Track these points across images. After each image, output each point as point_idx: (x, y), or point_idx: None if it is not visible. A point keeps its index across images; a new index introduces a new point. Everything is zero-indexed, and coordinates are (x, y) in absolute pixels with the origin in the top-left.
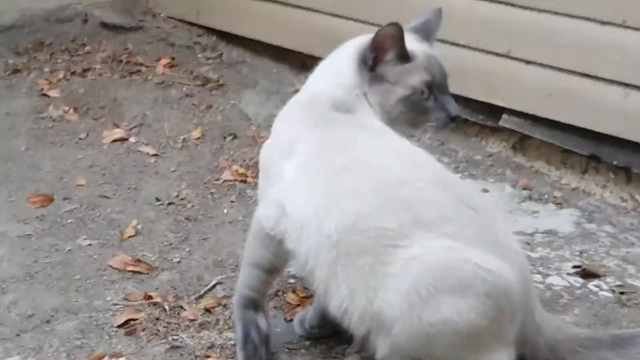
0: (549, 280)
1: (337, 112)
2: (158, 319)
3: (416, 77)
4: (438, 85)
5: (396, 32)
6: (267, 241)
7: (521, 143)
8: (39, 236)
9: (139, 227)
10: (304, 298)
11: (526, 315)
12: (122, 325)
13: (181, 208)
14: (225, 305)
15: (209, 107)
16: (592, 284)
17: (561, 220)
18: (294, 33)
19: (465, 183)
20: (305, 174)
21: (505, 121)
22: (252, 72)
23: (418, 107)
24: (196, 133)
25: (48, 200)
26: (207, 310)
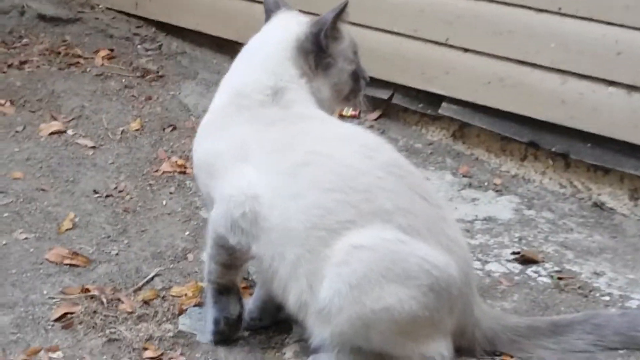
0: (488, 267)
1: (280, 108)
2: (95, 312)
3: (351, 49)
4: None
5: (342, 11)
6: (228, 247)
7: (461, 131)
8: None
9: (77, 220)
10: (243, 288)
11: (465, 307)
12: (59, 319)
13: (119, 200)
14: (163, 297)
15: (149, 99)
16: (531, 270)
17: (501, 207)
18: (234, 23)
19: (414, 168)
20: (266, 176)
21: (444, 109)
22: (192, 63)
23: (356, 78)
24: (135, 125)
25: None
26: (146, 302)
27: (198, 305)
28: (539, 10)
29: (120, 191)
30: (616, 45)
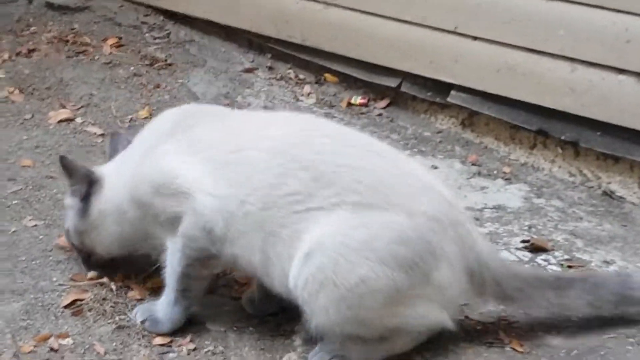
0: None
1: None
2: (105, 299)
3: None
4: None
5: None
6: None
7: (470, 119)
8: None
9: None
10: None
11: (463, 249)
12: (69, 305)
13: None
14: None
15: (157, 87)
16: (541, 258)
17: (510, 195)
18: (243, 12)
19: (360, 134)
20: (210, 180)
21: (453, 97)
22: (200, 52)
23: None
24: (144, 112)
25: None
26: (154, 289)
27: (208, 292)
28: None
29: None
30: (626, 32)
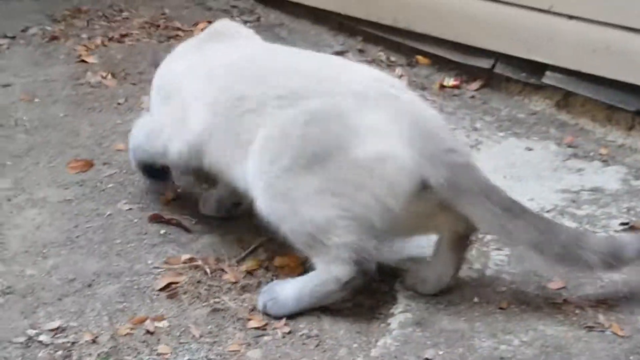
0: None
1: None
2: (199, 282)
3: None
4: None
5: None
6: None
7: (565, 100)
8: (80, 201)
9: (179, 191)
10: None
11: (399, 119)
12: (164, 288)
13: None
14: (267, 267)
15: None
16: None
17: (607, 177)
18: None
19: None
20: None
21: (548, 78)
22: (290, 35)
23: None
24: None
25: (88, 165)
26: (249, 272)
27: (302, 275)
28: None
29: None
30: None
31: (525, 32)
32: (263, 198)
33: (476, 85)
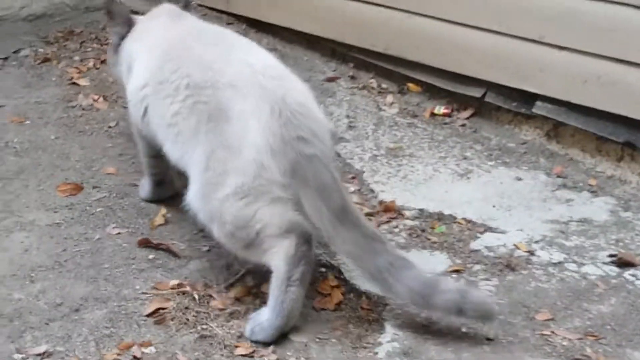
0: (584, 269)
1: None
2: (187, 308)
3: None
4: None
5: None
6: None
7: (555, 130)
8: (68, 225)
9: (169, 216)
10: (335, 287)
11: (272, 106)
12: (151, 314)
13: None
14: (255, 294)
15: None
16: (628, 273)
17: (596, 208)
18: (325, 20)
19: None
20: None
21: (538, 108)
22: (283, 60)
23: None
24: None
25: (77, 188)
26: (237, 299)
27: None
28: (637, 7)
29: None
30: None
31: (516, 62)
32: (193, 193)
33: (467, 113)
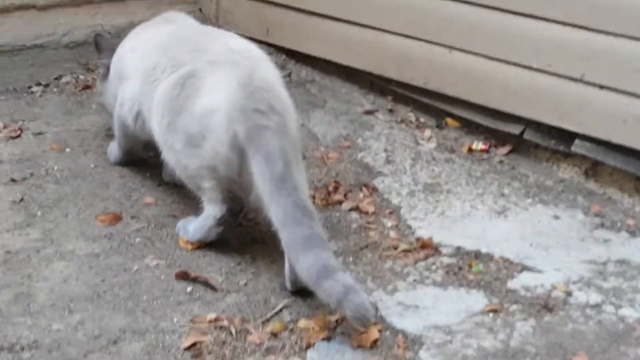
0: (622, 311)
1: None
2: (224, 342)
3: None
4: None
5: None
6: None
7: (593, 169)
8: (107, 255)
9: (207, 248)
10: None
11: (238, 95)
12: (189, 347)
13: (249, 229)
14: (291, 329)
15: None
16: None
17: (634, 248)
18: (364, 53)
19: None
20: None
21: (577, 146)
22: (321, 92)
23: None
24: None
25: (116, 218)
26: (274, 334)
27: (326, 339)
28: None
29: (249, 219)
30: None
31: (555, 100)
32: (162, 150)
33: (505, 150)
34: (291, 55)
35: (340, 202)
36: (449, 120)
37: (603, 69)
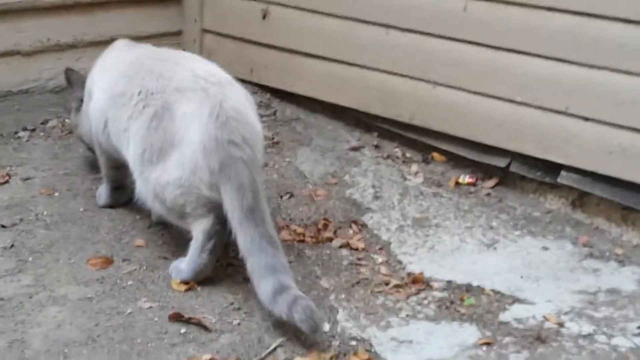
0: (614, 341)
1: None
2: None
3: None
4: None
5: None
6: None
7: (580, 200)
8: (100, 299)
9: (199, 289)
10: None
11: (211, 108)
12: None
13: (240, 269)
14: None
15: (265, 165)
16: None
17: (624, 278)
18: (349, 90)
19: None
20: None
21: (563, 178)
22: (307, 130)
23: None
24: None
25: (108, 262)
26: None
27: None
28: None
29: (241, 259)
30: None
31: (540, 133)
32: (138, 186)
33: (491, 183)
34: (276, 93)
35: (330, 240)
36: (435, 154)
37: (587, 102)
